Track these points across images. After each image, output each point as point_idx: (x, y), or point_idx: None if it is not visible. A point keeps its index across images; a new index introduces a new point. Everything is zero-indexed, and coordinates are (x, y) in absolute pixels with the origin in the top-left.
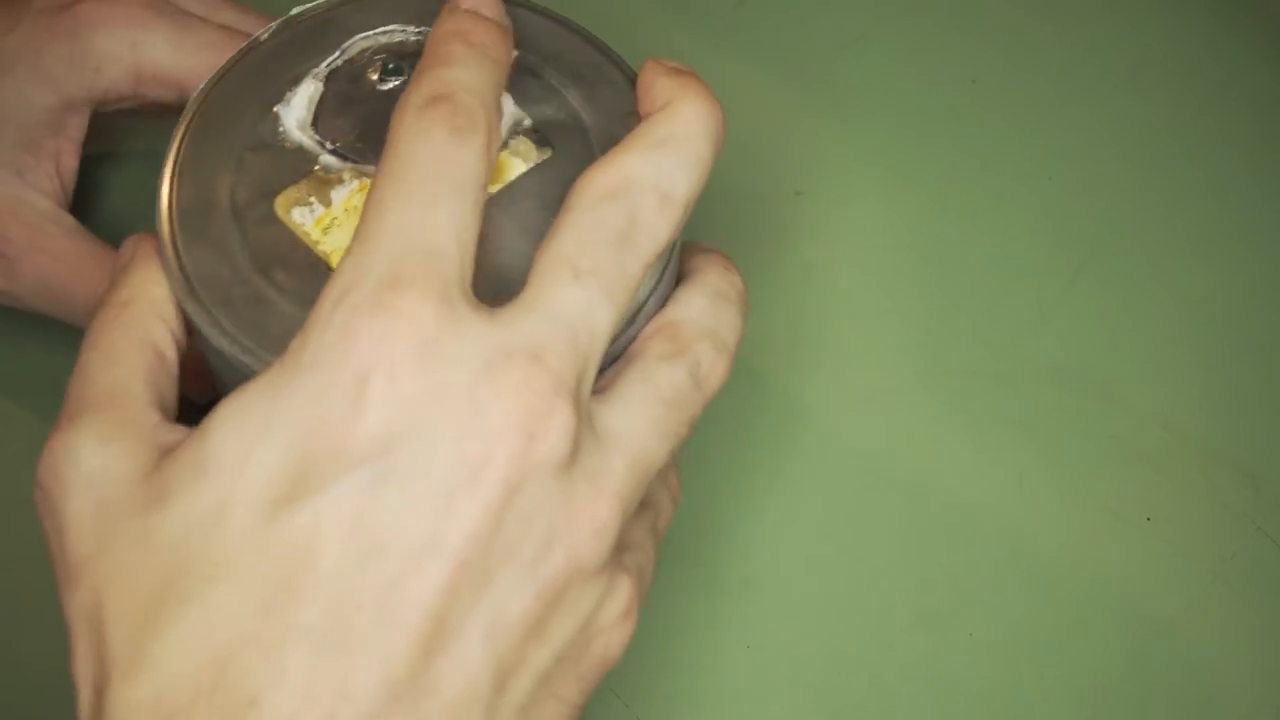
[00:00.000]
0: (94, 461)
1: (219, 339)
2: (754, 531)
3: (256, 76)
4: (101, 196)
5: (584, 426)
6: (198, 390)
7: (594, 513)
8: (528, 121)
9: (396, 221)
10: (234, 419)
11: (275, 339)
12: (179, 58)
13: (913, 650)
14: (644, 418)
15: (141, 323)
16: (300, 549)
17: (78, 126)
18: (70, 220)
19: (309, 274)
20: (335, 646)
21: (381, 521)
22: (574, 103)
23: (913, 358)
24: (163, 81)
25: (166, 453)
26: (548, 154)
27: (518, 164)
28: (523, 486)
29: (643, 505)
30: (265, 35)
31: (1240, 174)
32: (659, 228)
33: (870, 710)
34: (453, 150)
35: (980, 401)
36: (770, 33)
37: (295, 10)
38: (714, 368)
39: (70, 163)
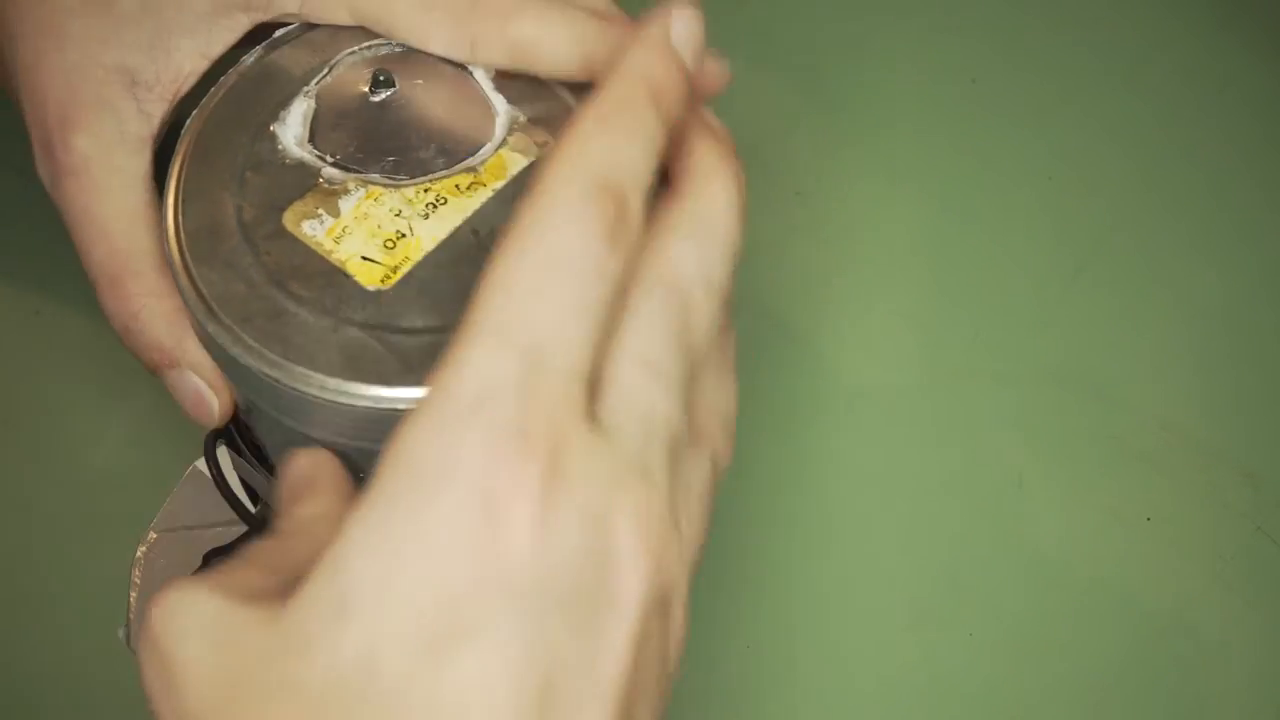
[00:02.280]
0: (211, 605)
1: (244, 356)
2: (754, 531)
3: (248, 98)
4: None
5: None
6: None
7: (681, 622)
8: (523, 118)
9: (540, 325)
10: (364, 544)
11: (298, 349)
12: None
13: (912, 650)
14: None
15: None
16: (472, 696)
17: (224, 41)
18: (138, 165)
19: (327, 282)
20: None
21: (549, 660)
22: (565, 96)
23: (913, 358)
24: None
25: (282, 577)
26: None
27: (518, 159)
28: (653, 613)
29: None
30: (250, 59)
31: (1240, 174)
32: (709, 319)
33: (870, 710)
34: (609, 259)
35: (980, 401)
36: (770, 33)
37: (278, 32)
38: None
39: (187, 86)
